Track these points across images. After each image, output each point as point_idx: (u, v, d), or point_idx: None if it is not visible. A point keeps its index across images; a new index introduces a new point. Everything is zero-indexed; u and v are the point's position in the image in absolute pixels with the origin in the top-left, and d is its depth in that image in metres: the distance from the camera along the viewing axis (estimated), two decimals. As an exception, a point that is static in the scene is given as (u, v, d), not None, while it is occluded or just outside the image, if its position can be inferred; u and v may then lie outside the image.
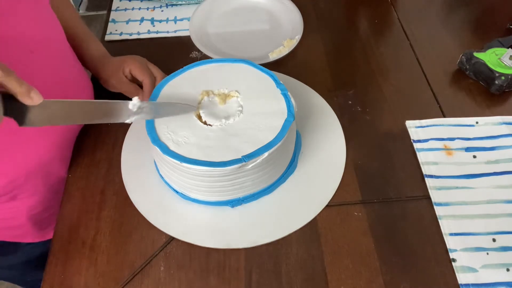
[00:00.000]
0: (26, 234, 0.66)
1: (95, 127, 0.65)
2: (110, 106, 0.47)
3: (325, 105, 0.67)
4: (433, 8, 0.85)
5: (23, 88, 0.36)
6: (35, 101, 0.37)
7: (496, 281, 0.49)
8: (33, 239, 0.67)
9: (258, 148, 0.50)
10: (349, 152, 0.62)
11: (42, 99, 0.38)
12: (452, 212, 0.55)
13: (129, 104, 0.48)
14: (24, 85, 0.36)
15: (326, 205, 0.56)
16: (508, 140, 0.62)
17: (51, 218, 0.65)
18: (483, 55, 0.68)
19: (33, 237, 0.67)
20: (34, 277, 0.77)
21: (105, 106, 0.47)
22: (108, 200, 0.58)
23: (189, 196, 0.56)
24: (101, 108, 0.47)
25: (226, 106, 0.56)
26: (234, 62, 0.60)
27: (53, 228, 0.66)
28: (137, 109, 0.48)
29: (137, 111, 0.48)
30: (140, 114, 0.49)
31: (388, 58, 0.75)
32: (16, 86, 0.36)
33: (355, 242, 0.53)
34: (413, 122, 0.64)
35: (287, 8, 0.83)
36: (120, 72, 0.64)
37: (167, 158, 0.50)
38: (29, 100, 0.37)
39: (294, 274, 0.51)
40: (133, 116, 0.48)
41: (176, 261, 0.52)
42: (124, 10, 0.87)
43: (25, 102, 0.37)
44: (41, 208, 0.63)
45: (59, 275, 0.52)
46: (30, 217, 0.63)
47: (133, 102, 0.48)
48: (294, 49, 0.75)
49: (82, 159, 0.63)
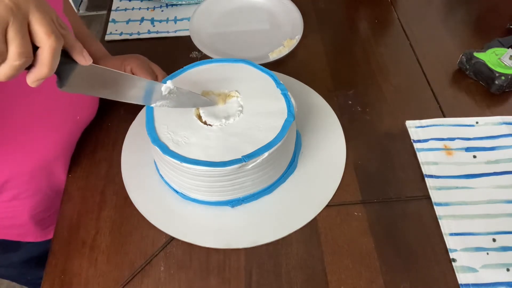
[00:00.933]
0: (28, 233, 0.66)
1: (95, 127, 0.65)
2: (146, 84, 0.48)
3: (325, 105, 0.67)
4: (433, 8, 0.85)
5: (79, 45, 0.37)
6: (87, 61, 0.38)
7: (496, 281, 0.49)
8: (35, 238, 0.67)
9: (258, 148, 0.50)
10: (349, 152, 0.62)
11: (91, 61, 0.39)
12: (452, 212, 0.55)
13: (162, 87, 0.49)
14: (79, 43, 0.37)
15: (326, 205, 0.56)
16: (508, 140, 0.62)
17: (53, 218, 0.65)
18: (483, 55, 0.68)
19: (35, 236, 0.67)
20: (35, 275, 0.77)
21: (141, 83, 0.47)
22: (108, 200, 0.58)
23: (189, 196, 0.56)
24: (136, 84, 0.47)
25: (226, 106, 0.56)
26: (234, 62, 0.60)
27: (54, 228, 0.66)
28: (167, 93, 0.49)
29: (164, 95, 0.49)
30: (167, 100, 0.50)
31: (388, 58, 0.75)
32: (74, 43, 0.37)
33: (355, 242, 0.53)
34: (413, 122, 0.64)
35: (287, 8, 0.83)
36: (121, 70, 0.64)
37: (167, 158, 0.50)
38: (82, 59, 0.38)
39: (294, 274, 0.51)
40: (159, 100, 0.49)
41: (176, 261, 0.52)
42: (124, 10, 0.87)
43: (78, 59, 0.38)
44: (43, 208, 0.63)
45: (59, 275, 0.52)
46: (32, 216, 0.63)
47: (167, 85, 0.49)
48: (294, 49, 0.75)
49: (82, 159, 0.63)
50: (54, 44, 0.33)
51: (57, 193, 0.62)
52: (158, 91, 0.49)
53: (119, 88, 0.46)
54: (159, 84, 0.49)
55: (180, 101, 0.52)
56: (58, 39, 0.34)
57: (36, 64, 0.34)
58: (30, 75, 0.35)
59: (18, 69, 0.33)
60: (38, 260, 0.73)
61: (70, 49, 0.37)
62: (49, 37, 0.33)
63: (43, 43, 0.33)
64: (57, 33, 0.34)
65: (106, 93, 0.45)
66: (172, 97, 0.50)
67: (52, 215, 0.65)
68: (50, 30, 0.33)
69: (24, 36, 0.32)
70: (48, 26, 0.33)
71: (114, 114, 0.66)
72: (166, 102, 0.50)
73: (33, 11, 0.32)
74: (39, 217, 0.64)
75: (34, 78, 0.35)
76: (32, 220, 0.63)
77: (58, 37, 0.34)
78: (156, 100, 0.50)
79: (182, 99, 0.52)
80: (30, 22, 0.32)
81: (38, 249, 0.70)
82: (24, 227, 0.65)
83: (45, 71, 0.34)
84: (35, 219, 0.64)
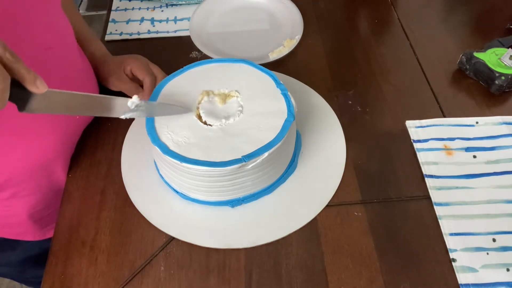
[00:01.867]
0: (26, 232, 0.66)
1: (95, 127, 0.65)
2: (108, 101, 0.48)
3: (325, 105, 0.67)
4: (433, 8, 0.85)
5: (30, 75, 0.37)
6: (40, 90, 0.39)
7: (496, 281, 0.49)
8: (33, 237, 0.67)
9: (258, 148, 0.50)
10: (349, 152, 0.62)
11: (47, 88, 0.39)
12: (452, 212, 0.55)
13: (128, 102, 0.49)
14: (32, 73, 0.38)
15: (326, 205, 0.56)
16: (508, 140, 0.62)
17: (52, 217, 0.65)
18: (483, 55, 0.68)
19: (34, 235, 0.67)
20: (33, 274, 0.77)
21: (103, 100, 0.48)
22: (108, 200, 0.58)
23: (189, 196, 0.56)
24: (99, 102, 0.48)
25: (226, 106, 0.56)
26: (234, 62, 0.60)
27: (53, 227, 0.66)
28: (134, 107, 0.49)
29: (133, 108, 0.49)
30: (136, 112, 0.50)
31: (388, 58, 0.75)
32: (24, 73, 0.37)
33: (355, 242, 0.53)
34: (413, 122, 0.64)
35: (287, 8, 0.83)
36: (121, 70, 0.64)
37: (167, 158, 0.50)
38: (35, 88, 0.38)
39: (294, 274, 0.51)
40: (128, 113, 0.49)
41: (176, 261, 0.52)
42: (124, 10, 0.87)
43: (31, 89, 0.38)
44: (42, 207, 0.63)
45: (59, 275, 0.52)
46: (30, 215, 0.63)
47: (132, 100, 0.49)
48: (294, 49, 0.75)
49: (82, 159, 0.63)
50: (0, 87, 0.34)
51: (57, 193, 0.62)
52: (124, 106, 0.49)
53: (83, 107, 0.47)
54: (123, 99, 0.49)
55: (153, 112, 0.53)
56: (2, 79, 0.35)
57: None
58: None
59: None
60: (36, 259, 0.73)
61: (21, 80, 0.38)
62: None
63: None
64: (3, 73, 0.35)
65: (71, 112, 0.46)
66: (141, 109, 0.50)
67: (51, 214, 0.65)
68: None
69: None
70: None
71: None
72: (135, 114, 0.50)
73: None
74: (37, 216, 0.64)
75: None
76: (31, 219, 0.64)
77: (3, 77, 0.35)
78: (124, 113, 0.49)
79: (154, 111, 0.53)
80: None
81: (37, 248, 0.70)
82: (22, 226, 0.65)
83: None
84: (33, 218, 0.64)
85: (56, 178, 0.61)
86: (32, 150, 0.55)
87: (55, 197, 0.63)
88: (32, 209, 0.62)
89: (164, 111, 0.54)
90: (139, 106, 0.50)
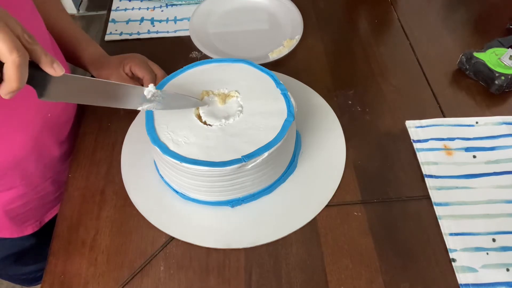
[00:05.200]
0: (3, 229, 0.65)
1: (95, 127, 0.65)
2: (126, 89, 0.48)
3: (325, 105, 0.67)
4: (433, 8, 0.85)
5: (47, 58, 0.38)
6: (57, 72, 0.39)
7: (496, 281, 0.49)
8: (11, 234, 0.67)
9: (258, 148, 0.50)
10: (349, 152, 0.62)
11: (64, 72, 0.40)
12: (452, 212, 0.55)
13: (145, 90, 0.48)
14: (49, 55, 0.38)
15: (326, 205, 0.56)
16: (508, 140, 0.62)
17: (29, 214, 0.66)
18: (483, 55, 0.68)
19: (11, 232, 0.66)
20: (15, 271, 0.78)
21: (121, 88, 0.47)
22: (108, 200, 0.58)
23: (189, 196, 0.56)
24: (117, 90, 0.47)
25: (226, 106, 0.56)
26: (234, 62, 0.60)
27: (31, 224, 0.67)
28: (150, 96, 0.49)
29: (150, 98, 0.49)
30: (153, 103, 0.50)
31: (388, 58, 0.75)
32: (42, 55, 0.38)
33: (355, 242, 0.53)
34: (413, 122, 0.64)
35: (287, 8, 0.83)
36: (120, 69, 0.64)
37: (167, 158, 0.50)
38: (52, 70, 0.39)
39: (294, 274, 0.51)
40: (145, 104, 0.49)
41: (176, 261, 0.52)
42: (124, 10, 0.87)
43: (48, 71, 0.39)
44: (18, 203, 0.63)
45: (59, 275, 0.52)
46: (6, 212, 0.62)
47: (149, 89, 0.48)
48: (294, 49, 0.75)
49: (82, 159, 0.63)
50: (17, 60, 0.35)
51: (33, 189, 0.62)
52: (140, 95, 0.49)
53: (99, 95, 0.46)
54: (141, 88, 0.49)
55: (167, 103, 0.52)
56: (21, 54, 0.35)
57: (4, 79, 0.36)
58: (1, 89, 0.36)
59: None
60: (16, 258, 0.73)
61: (39, 62, 0.38)
62: (11, 53, 0.34)
63: (6, 59, 0.35)
64: (20, 49, 0.35)
65: (87, 100, 0.46)
66: (157, 100, 0.50)
67: (28, 211, 0.65)
68: (12, 46, 0.34)
69: None
70: (10, 42, 0.34)
71: (114, 114, 0.66)
72: (152, 105, 0.50)
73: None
74: (14, 213, 0.64)
75: (5, 92, 0.37)
76: (6, 216, 0.63)
77: (21, 52, 0.35)
78: (141, 104, 0.49)
79: (168, 101, 0.52)
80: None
81: (16, 246, 0.70)
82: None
83: (13, 85, 0.36)
84: (9, 215, 0.63)
85: (30, 175, 0.61)
86: (5, 147, 0.55)
87: (32, 195, 0.63)
88: (7, 206, 0.62)
89: (179, 103, 0.53)
90: (156, 95, 0.49)
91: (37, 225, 0.69)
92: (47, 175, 0.65)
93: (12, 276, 0.81)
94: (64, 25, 0.67)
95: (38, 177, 0.62)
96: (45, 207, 0.69)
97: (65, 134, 0.66)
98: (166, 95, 0.52)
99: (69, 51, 0.66)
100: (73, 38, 0.67)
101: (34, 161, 0.60)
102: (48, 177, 0.65)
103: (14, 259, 0.73)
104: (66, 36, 0.66)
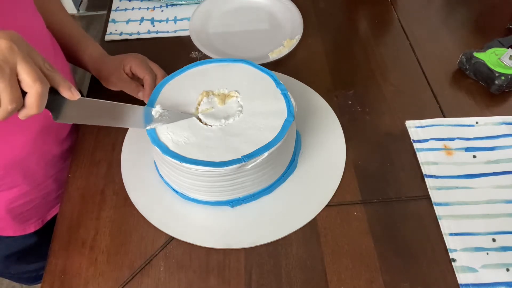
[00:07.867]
0: (6, 227, 0.66)
1: (95, 127, 0.65)
2: (133, 110, 0.51)
3: (325, 105, 0.67)
4: (433, 8, 0.85)
5: (66, 84, 0.41)
6: (74, 96, 0.42)
7: (496, 281, 0.49)
8: (14, 233, 0.67)
9: (258, 148, 0.50)
10: (349, 152, 0.62)
11: (79, 96, 0.43)
12: (452, 212, 0.55)
13: (152, 111, 0.52)
14: (67, 81, 0.42)
15: (326, 205, 0.56)
16: (508, 140, 0.62)
17: (31, 212, 0.66)
18: (483, 55, 0.68)
19: (14, 231, 0.67)
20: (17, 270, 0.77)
21: (128, 109, 0.51)
22: (108, 200, 0.58)
23: (189, 196, 0.56)
24: (122, 111, 0.51)
25: (226, 106, 0.56)
26: (234, 62, 0.60)
27: (33, 222, 0.67)
28: (158, 116, 0.52)
29: (157, 118, 0.52)
30: (159, 122, 0.53)
31: (388, 58, 0.75)
32: (61, 81, 0.41)
33: (355, 242, 0.53)
34: (413, 122, 0.64)
35: (287, 8, 0.83)
36: (120, 69, 0.64)
37: (167, 158, 0.50)
38: (70, 94, 0.42)
39: (294, 274, 0.51)
40: (152, 123, 0.52)
41: (176, 261, 0.52)
42: (124, 10, 0.87)
43: (66, 95, 0.42)
44: (21, 202, 0.63)
45: (59, 275, 0.52)
46: (9, 210, 0.63)
47: (156, 109, 0.52)
48: (294, 49, 0.75)
49: (82, 159, 0.63)
50: (40, 89, 0.38)
51: (35, 188, 0.63)
52: (150, 115, 0.52)
53: (110, 116, 0.50)
54: (148, 109, 0.52)
55: (172, 120, 0.54)
56: (43, 84, 0.38)
57: (25, 106, 0.39)
58: (21, 113, 0.39)
59: (11, 112, 0.38)
60: (19, 256, 0.73)
61: (58, 87, 0.41)
62: (35, 84, 0.37)
63: (29, 89, 0.38)
64: (42, 79, 0.38)
65: (99, 121, 0.49)
66: (164, 119, 0.53)
67: (31, 210, 0.65)
68: (35, 77, 0.37)
69: (13, 86, 0.37)
70: (33, 73, 0.37)
71: (114, 114, 0.66)
72: (158, 124, 0.53)
73: (20, 63, 0.37)
74: (16, 211, 0.64)
75: (23, 115, 0.40)
76: (9, 214, 0.63)
77: (43, 82, 0.38)
78: (149, 124, 0.53)
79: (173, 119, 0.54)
80: (18, 72, 0.37)
81: (18, 244, 0.70)
82: (2, 221, 0.64)
83: (34, 112, 0.39)
84: (12, 213, 0.63)
85: (31, 174, 0.61)
86: (7, 147, 0.55)
87: (35, 193, 0.63)
88: (10, 205, 0.62)
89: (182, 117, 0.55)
90: (163, 115, 0.52)
91: (40, 223, 0.69)
92: (49, 173, 0.65)
93: (15, 274, 0.81)
94: (65, 25, 0.67)
95: (40, 175, 0.62)
96: (48, 205, 0.69)
97: (65, 133, 0.66)
98: (171, 113, 0.54)
99: (69, 51, 0.66)
100: (73, 38, 0.67)
101: (35, 160, 0.60)
102: (50, 175, 0.65)
103: (17, 257, 0.73)
104: (66, 36, 0.66)
